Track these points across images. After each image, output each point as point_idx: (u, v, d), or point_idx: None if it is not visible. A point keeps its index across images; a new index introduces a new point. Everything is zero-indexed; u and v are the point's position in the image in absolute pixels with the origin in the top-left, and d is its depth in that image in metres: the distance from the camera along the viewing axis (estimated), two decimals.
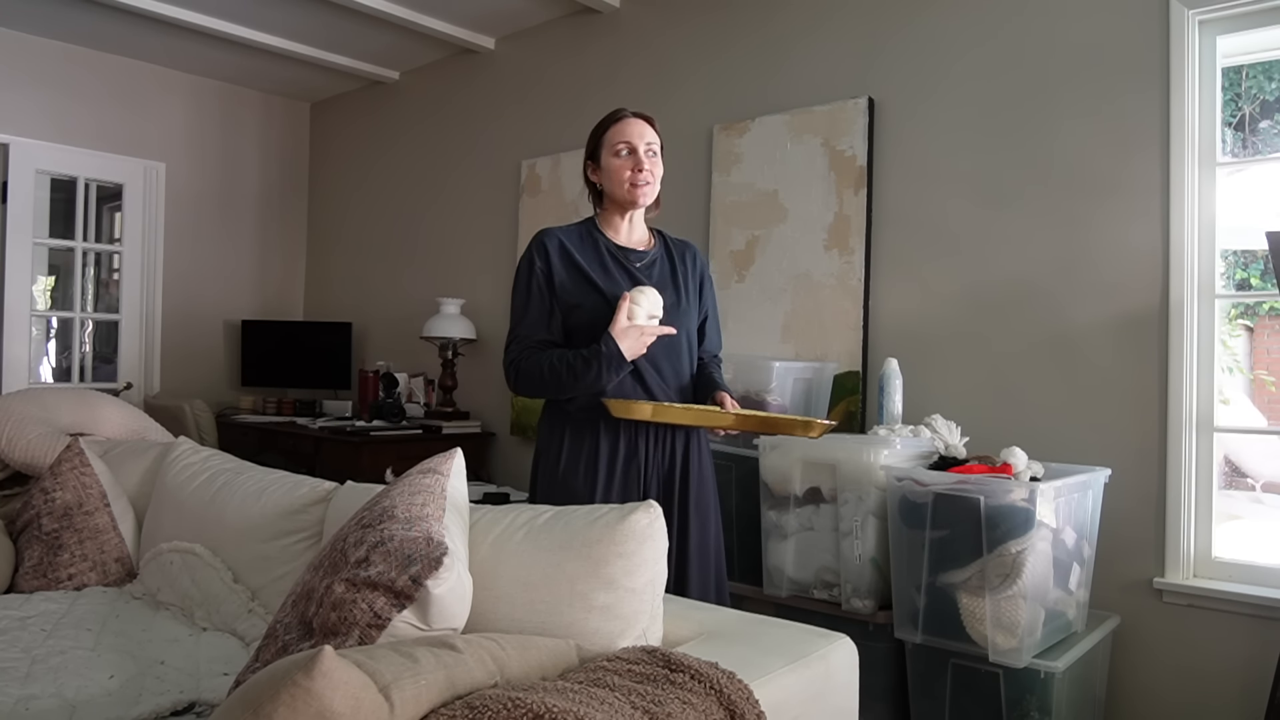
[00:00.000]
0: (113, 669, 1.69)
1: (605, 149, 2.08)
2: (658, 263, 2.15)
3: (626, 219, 2.13)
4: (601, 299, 2.03)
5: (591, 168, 2.14)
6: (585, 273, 2.05)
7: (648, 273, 2.11)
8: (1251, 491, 3.51)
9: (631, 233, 2.15)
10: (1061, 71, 2.65)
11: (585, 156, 2.15)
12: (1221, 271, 2.50)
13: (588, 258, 2.07)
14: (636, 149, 2.05)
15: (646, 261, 2.13)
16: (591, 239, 2.11)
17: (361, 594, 1.21)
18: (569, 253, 2.07)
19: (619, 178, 2.05)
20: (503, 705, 0.98)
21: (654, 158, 2.08)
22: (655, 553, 1.40)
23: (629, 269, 2.10)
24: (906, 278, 2.95)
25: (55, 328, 5.57)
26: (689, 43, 3.58)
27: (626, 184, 2.05)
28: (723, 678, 1.20)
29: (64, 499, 2.32)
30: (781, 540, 2.49)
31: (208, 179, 5.08)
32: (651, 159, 2.07)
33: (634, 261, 2.11)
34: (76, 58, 4.56)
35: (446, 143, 4.62)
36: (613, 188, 2.08)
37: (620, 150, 2.05)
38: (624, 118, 2.09)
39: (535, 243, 2.10)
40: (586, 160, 2.15)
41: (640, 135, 2.06)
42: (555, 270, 2.05)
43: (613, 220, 2.14)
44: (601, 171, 2.10)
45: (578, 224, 2.17)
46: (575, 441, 2.06)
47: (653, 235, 2.21)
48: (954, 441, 2.43)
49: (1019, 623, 2.02)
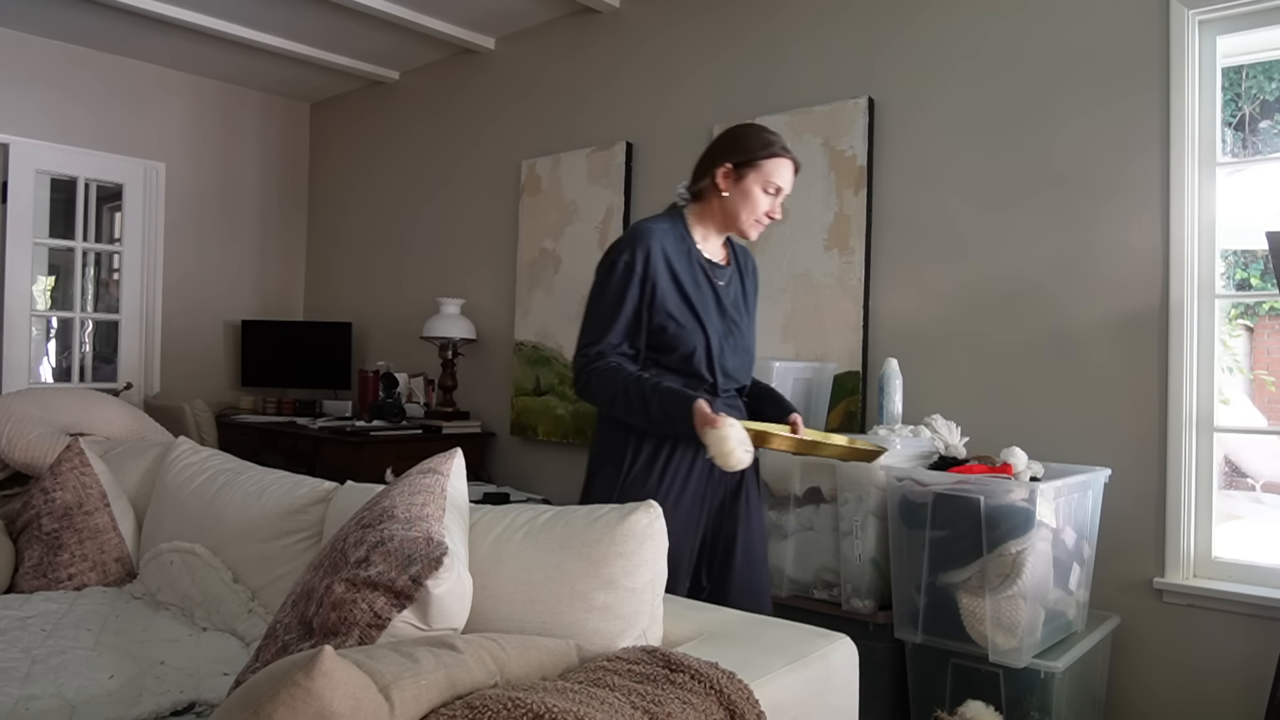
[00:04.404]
0: (113, 669, 1.69)
1: (757, 176, 2.00)
2: (733, 281, 2.12)
3: (719, 234, 2.10)
4: (693, 318, 1.98)
5: (729, 175, 2.01)
6: (684, 288, 1.98)
7: (726, 292, 2.08)
8: (1251, 491, 3.51)
9: (716, 244, 2.11)
10: (1061, 71, 2.65)
11: (728, 160, 2.01)
12: (1221, 271, 2.50)
13: (684, 270, 2.00)
14: (783, 192, 2.05)
15: (726, 281, 2.09)
16: (685, 246, 2.03)
17: (361, 594, 1.21)
18: (670, 262, 1.98)
19: (755, 210, 2.02)
20: (503, 705, 0.98)
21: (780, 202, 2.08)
22: (655, 553, 1.40)
23: (715, 288, 2.05)
24: (906, 278, 2.95)
25: (55, 328, 5.58)
26: (689, 43, 3.58)
27: (755, 220, 2.04)
28: (723, 678, 1.20)
29: (64, 499, 2.32)
30: (781, 540, 2.49)
31: (208, 179, 5.08)
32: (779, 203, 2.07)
33: (718, 279, 2.07)
34: (76, 58, 4.56)
35: (446, 143, 4.62)
36: (741, 214, 2.03)
37: (770, 189, 2.02)
38: (787, 158, 2.03)
39: (639, 242, 1.97)
40: (723, 162, 2.01)
41: (789, 182, 2.05)
42: (659, 280, 1.96)
43: (706, 227, 2.08)
44: (739, 190, 2.01)
45: (670, 222, 2.05)
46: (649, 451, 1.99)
47: (725, 245, 2.16)
48: (954, 441, 2.43)
49: (1019, 623, 2.02)
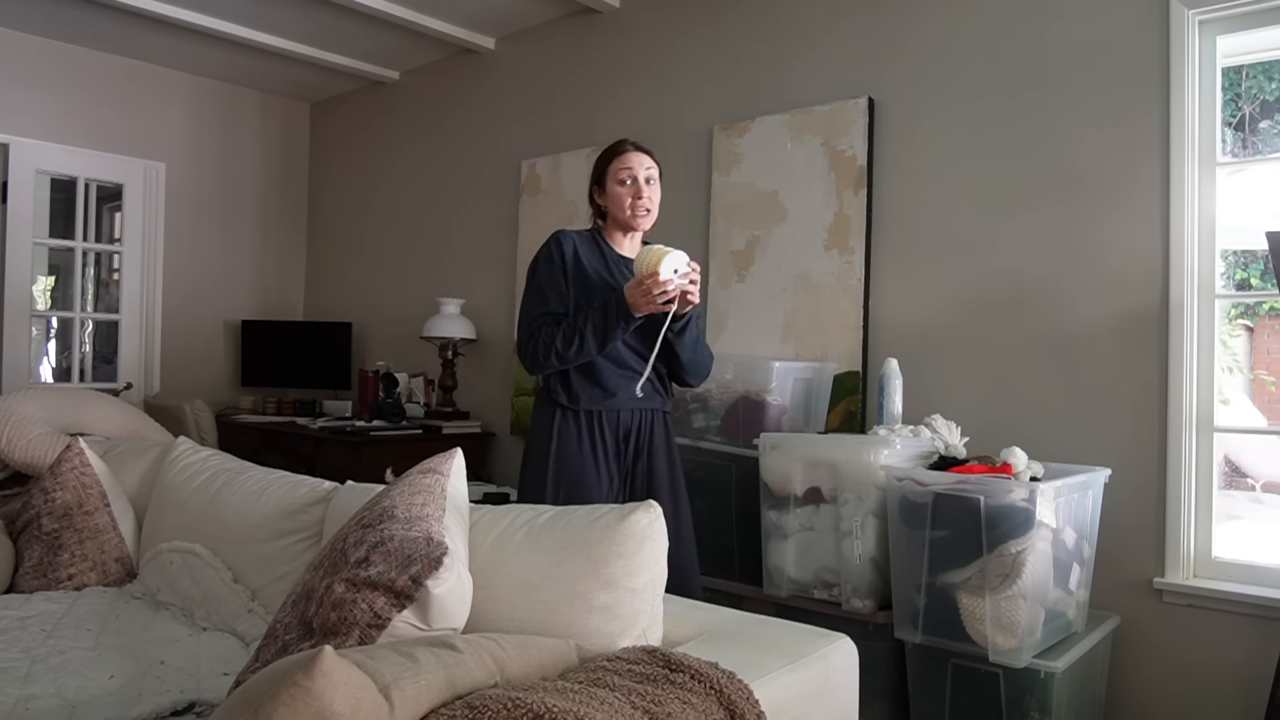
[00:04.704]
0: (113, 669, 1.70)
1: (610, 177, 2.28)
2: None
3: (628, 237, 2.35)
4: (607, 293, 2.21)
5: (597, 192, 2.34)
6: (592, 276, 2.26)
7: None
8: (1251, 491, 3.51)
9: (631, 249, 2.35)
10: (1061, 71, 2.65)
11: (591, 181, 2.36)
12: (1221, 271, 2.50)
13: (595, 263, 2.29)
14: (638, 178, 2.26)
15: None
16: (598, 247, 2.33)
17: (361, 594, 1.21)
18: (579, 253, 2.28)
19: (622, 204, 2.27)
20: (503, 705, 0.98)
21: (652, 185, 2.29)
22: (655, 553, 1.40)
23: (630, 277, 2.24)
24: (906, 278, 2.95)
25: (55, 328, 5.58)
26: (689, 43, 3.58)
27: (628, 210, 2.27)
28: (723, 678, 1.20)
29: (64, 499, 2.32)
30: (782, 540, 2.49)
31: (208, 179, 5.08)
32: (650, 187, 2.28)
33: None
34: (76, 58, 4.56)
35: (446, 143, 4.62)
36: (616, 212, 2.29)
37: (624, 179, 2.26)
38: (626, 150, 2.29)
39: (553, 240, 2.31)
40: (593, 185, 2.35)
41: (641, 165, 2.27)
42: (570, 267, 2.26)
43: (614, 236, 2.35)
44: (606, 196, 2.31)
45: (587, 231, 2.38)
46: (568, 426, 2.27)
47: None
48: (954, 441, 2.43)
49: (1019, 623, 2.02)
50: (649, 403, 2.30)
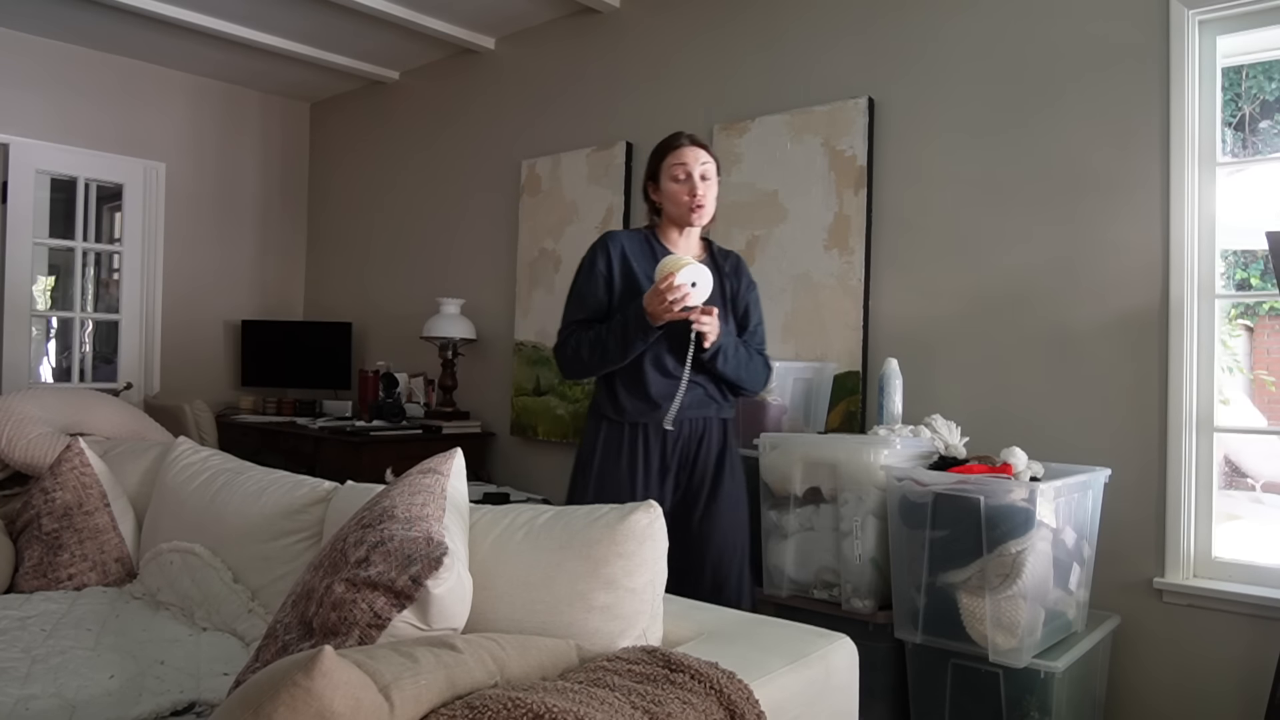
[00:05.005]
0: (113, 669, 1.70)
1: (664, 173, 2.26)
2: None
3: (683, 234, 2.32)
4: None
5: (652, 187, 2.31)
6: (642, 278, 2.21)
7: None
8: (1251, 491, 3.51)
9: (687, 245, 2.33)
10: (1061, 71, 2.65)
11: (645, 177, 2.33)
12: (1221, 271, 2.50)
13: (644, 265, 2.24)
14: (692, 174, 2.22)
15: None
16: (649, 247, 2.29)
17: (361, 594, 1.21)
18: (628, 257, 2.25)
19: (677, 200, 2.24)
20: (503, 705, 0.98)
21: (708, 181, 2.25)
22: (655, 553, 1.40)
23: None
24: (906, 278, 2.95)
25: (55, 328, 5.58)
26: (689, 43, 3.58)
27: (684, 207, 2.23)
28: (723, 678, 1.20)
29: (64, 499, 2.32)
30: (781, 540, 2.48)
31: (208, 179, 5.08)
32: (705, 183, 2.24)
33: None
34: (76, 58, 4.56)
35: (446, 143, 4.62)
36: (671, 208, 2.26)
37: (678, 175, 2.23)
38: (681, 144, 2.25)
39: (600, 243, 2.29)
40: (647, 180, 2.32)
41: (696, 160, 2.23)
42: (615, 271, 2.24)
43: (669, 233, 2.32)
44: (661, 192, 2.28)
45: (639, 230, 2.36)
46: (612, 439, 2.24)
47: (703, 246, 2.37)
48: (954, 441, 2.43)
49: (1019, 623, 2.02)
50: (701, 410, 2.25)
